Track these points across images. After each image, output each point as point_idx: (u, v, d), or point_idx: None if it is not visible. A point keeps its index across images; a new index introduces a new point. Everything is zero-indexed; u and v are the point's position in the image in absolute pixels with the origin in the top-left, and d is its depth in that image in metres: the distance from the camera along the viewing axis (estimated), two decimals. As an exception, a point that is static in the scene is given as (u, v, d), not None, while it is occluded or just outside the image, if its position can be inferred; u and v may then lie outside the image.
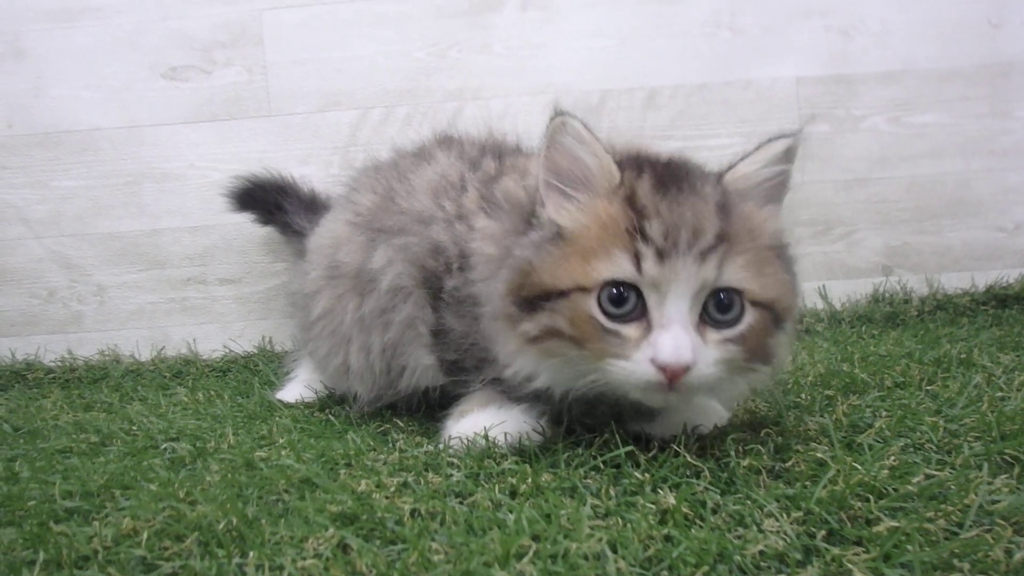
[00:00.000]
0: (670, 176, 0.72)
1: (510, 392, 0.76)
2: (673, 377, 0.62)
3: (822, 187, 1.60)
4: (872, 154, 1.60)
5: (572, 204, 0.70)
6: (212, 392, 1.29)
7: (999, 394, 0.83)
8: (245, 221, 1.53)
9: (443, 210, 0.87)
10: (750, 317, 0.66)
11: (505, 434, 0.73)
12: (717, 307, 0.65)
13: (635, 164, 0.74)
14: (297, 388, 1.22)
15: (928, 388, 0.90)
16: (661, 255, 0.65)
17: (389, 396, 0.97)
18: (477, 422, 0.76)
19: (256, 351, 1.56)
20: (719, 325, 0.65)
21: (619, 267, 0.65)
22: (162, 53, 1.59)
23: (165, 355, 1.58)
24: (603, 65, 1.59)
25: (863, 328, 1.45)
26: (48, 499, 0.66)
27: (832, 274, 1.61)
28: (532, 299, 0.68)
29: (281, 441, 0.87)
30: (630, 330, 0.65)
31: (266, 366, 1.47)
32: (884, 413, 0.78)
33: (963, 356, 1.07)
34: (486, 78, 1.59)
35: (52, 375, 1.52)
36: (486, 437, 0.73)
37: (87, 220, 1.59)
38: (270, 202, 1.41)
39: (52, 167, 1.59)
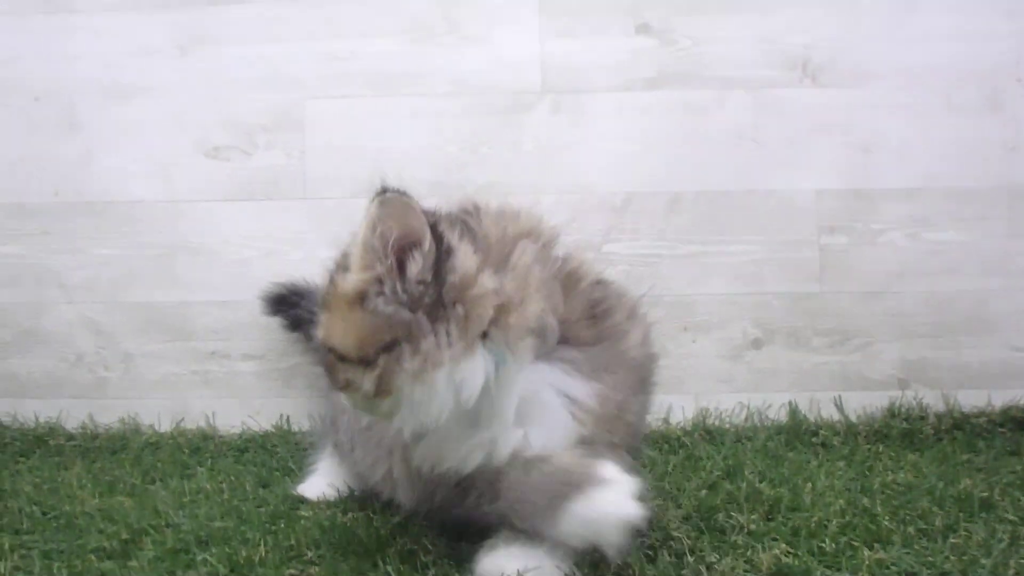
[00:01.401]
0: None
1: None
2: None
3: (840, 297, 1.62)
4: (890, 268, 1.63)
5: None
6: (233, 479, 1.30)
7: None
8: (272, 299, 1.58)
9: None
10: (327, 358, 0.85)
11: None
12: None
13: None
14: (319, 484, 1.22)
15: (952, 540, 0.90)
16: None
17: (427, 508, 0.96)
18: (506, 562, 0.76)
19: (274, 430, 1.58)
20: None
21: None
22: (207, 132, 1.66)
23: (184, 427, 1.60)
24: (629, 168, 1.64)
25: (879, 447, 1.45)
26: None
27: (848, 385, 1.61)
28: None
29: (310, 555, 0.88)
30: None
31: (284, 449, 1.48)
32: None
33: (984, 495, 1.07)
34: (515, 175, 1.65)
35: (73, 442, 1.54)
36: None
37: (121, 288, 1.64)
38: (303, 310, 1.44)
39: (93, 235, 1.65)
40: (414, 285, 0.78)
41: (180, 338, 1.63)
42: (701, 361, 1.62)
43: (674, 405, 1.60)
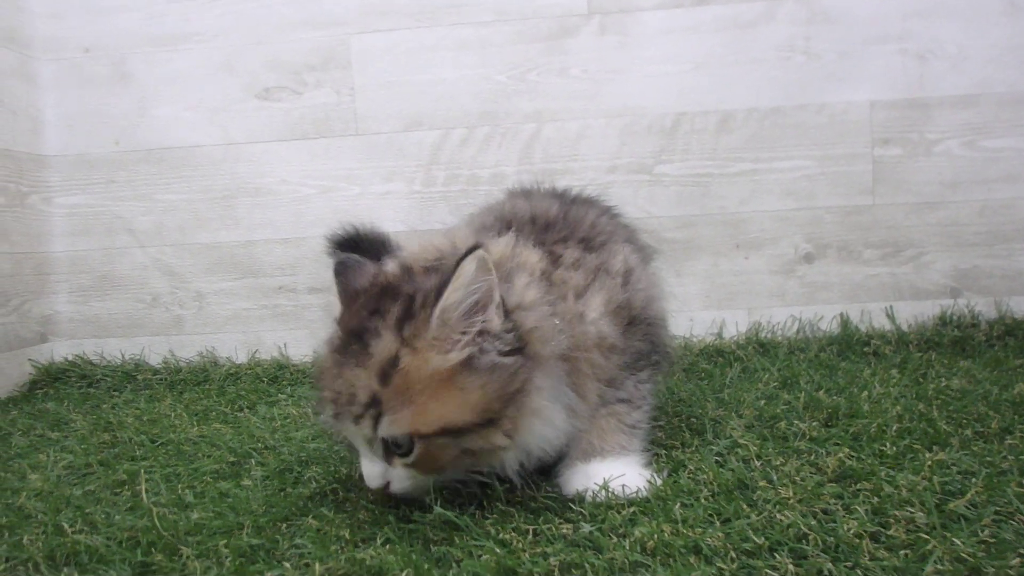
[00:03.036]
0: (342, 344, 0.79)
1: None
2: (385, 492, 0.78)
3: (893, 210, 1.63)
4: (944, 178, 1.62)
5: None
6: (315, 403, 1.39)
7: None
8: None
9: None
10: (418, 448, 0.75)
11: (623, 487, 0.80)
12: (393, 445, 0.76)
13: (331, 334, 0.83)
14: None
15: (1009, 441, 0.94)
16: (335, 416, 0.78)
17: None
18: (590, 476, 0.82)
19: (343, 358, 1.67)
20: (400, 455, 0.77)
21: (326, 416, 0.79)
22: (256, 76, 1.68)
23: (259, 358, 1.69)
24: (678, 89, 1.63)
25: (932, 355, 1.48)
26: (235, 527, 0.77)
27: (900, 295, 1.64)
28: None
29: None
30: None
31: (356, 374, 1.57)
32: (971, 476, 0.82)
33: None
34: (563, 101, 1.65)
35: (159, 376, 1.64)
36: (605, 488, 0.80)
37: (187, 231, 1.71)
38: (370, 256, 1.47)
39: (155, 181, 1.70)
40: (504, 333, 0.77)
41: (248, 275, 1.71)
42: (753, 277, 1.65)
43: (727, 320, 1.65)
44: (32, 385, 1.63)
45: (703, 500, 0.77)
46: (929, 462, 0.87)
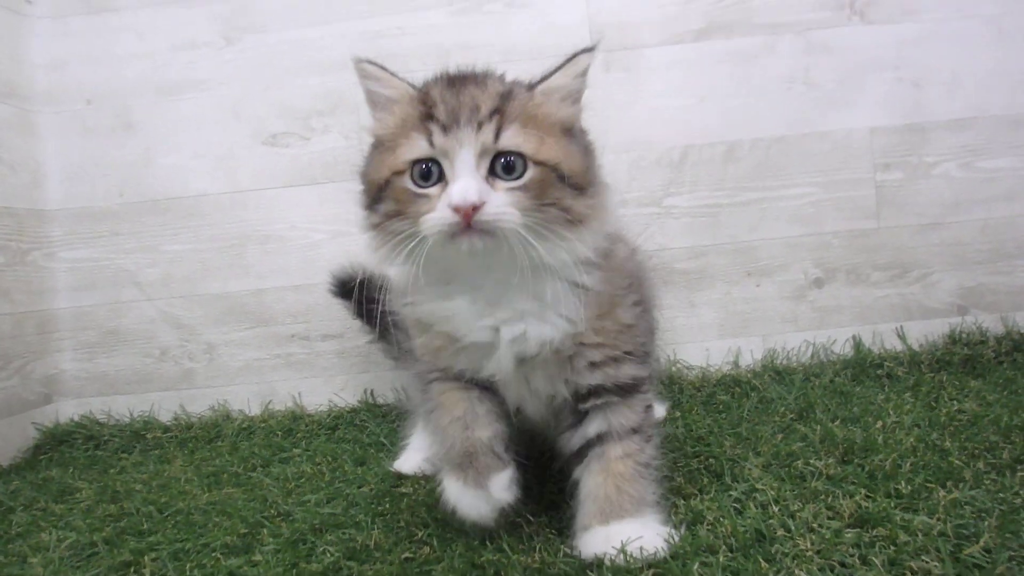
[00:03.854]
0: (460, 78, 0.88)
1: None
2: (466, 216, 0.77)
3: (897, 232, 1.66)
4: (945, 199, 1.66)
5: (384, 117, 0.88)
6: (330, 459, 1.35)
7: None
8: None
9: None
10: (532, 172, 0.80)
11: (641, 549, 0.80)
12: (503, 167, 0.80)
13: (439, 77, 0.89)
14: (415, 459, 1.25)
15: (1020, 473, 0.95)
16: (445, 129, 0.80)
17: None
18: (606, 541, 0.82)
19: (360, 405, 1.64)
20: (506, 179, 0.80)
21: (417, 146, 0.81)
22: (263, 122, 1.67)
23: (273, 409, 1.66)
24: (684, 122, 1.66)
25: (943, 375, 1.50)
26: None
27: (909, 315, 1.67)
28: (372, 197, 0.86)
29: (420, 535, 0.94)
30: (434, 190, 0.81)
31: (372, 423, 1.54)
32: (985, 516, 0.83)
33: None
34: (572, 137, 1.66)
35: (169, 434, 1.60)
36: (624, 552, 0.79)
37: (196, 281, 1.68)
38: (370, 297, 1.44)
39: (162, 232, 1.67)
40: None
41: (259, 324, 1.68)
42: (766, 304, 1.67)
43: (743, 348, 1.66)
44: (36, 450, 1.57)
45: (722, 557, 0.77)
46: (943, 501, 0.88)
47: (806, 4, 1.65)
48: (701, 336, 1.66)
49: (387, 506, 1.09)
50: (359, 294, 1.47)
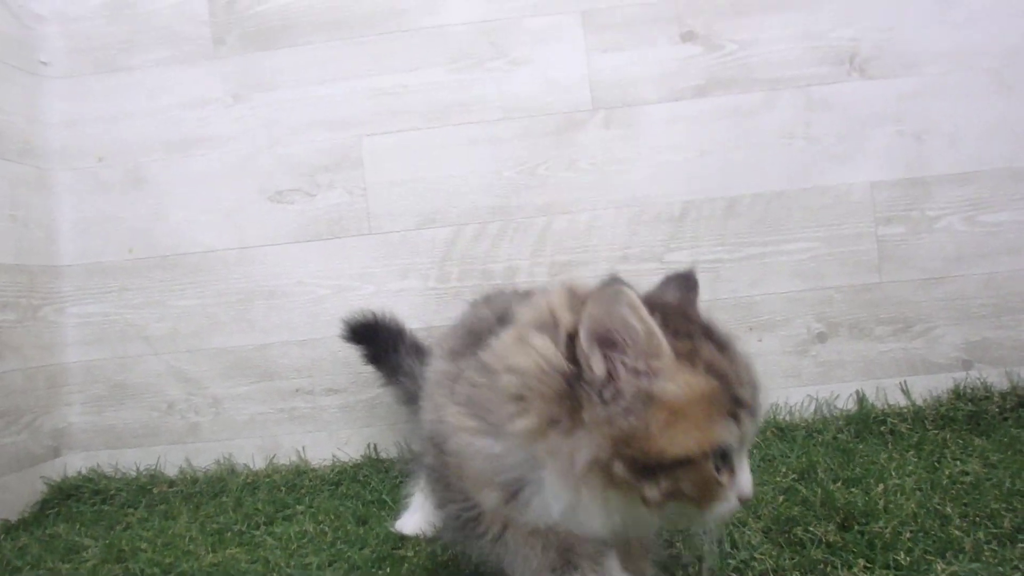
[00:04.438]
0: (719, 337, 0.79)
1: None
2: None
3: (899, 286, 1.66)
4: (948, 253, 1.66)
5: (641, 370, 0.73)
6: (332, 517, 1.36)
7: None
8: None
9: None
10: None
11: None
12: None
13: (670, 321, 0.76)
14: (416, 520, 1.25)
15: (1020, 545, 0.95)
16: (753, 415, 0.75)
17: None
18: None
19: (363, 459, 1.65)
20: None
21: (730, 432, 0.72)
22: (270, 178, 1.70)
23: (277, 463, 1.67)
24: (684, 178, 1.67)
25: (947, 433, 1.49)
26: None
27: (913, 370, 1.66)
28: (646, 464, 0.71)
29: None
30: (726, 479, 0.73)
31: (375, 479, 1.55)
32: None
33: None
34: (573, 193, 1.68)
35: (175, 488, 1.61)
36: None
37: (202, 336, 1.70)
38: (385, 342, 1.47)
39: (170, 287, 1.70)
40: None
41: (264, 379, 1.70)
42: (768, 359, 1.67)
43: (745, 404, 1.65)
44: (44, 504, 1.59)
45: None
46: (942, 574, 0.88)
47: (806, 60, 1.66)
48: (703, 390, 1.66)
49: (387, 571, 1.10)
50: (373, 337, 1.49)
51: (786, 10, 1.66)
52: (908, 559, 0.94)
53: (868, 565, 0.93)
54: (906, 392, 1.64)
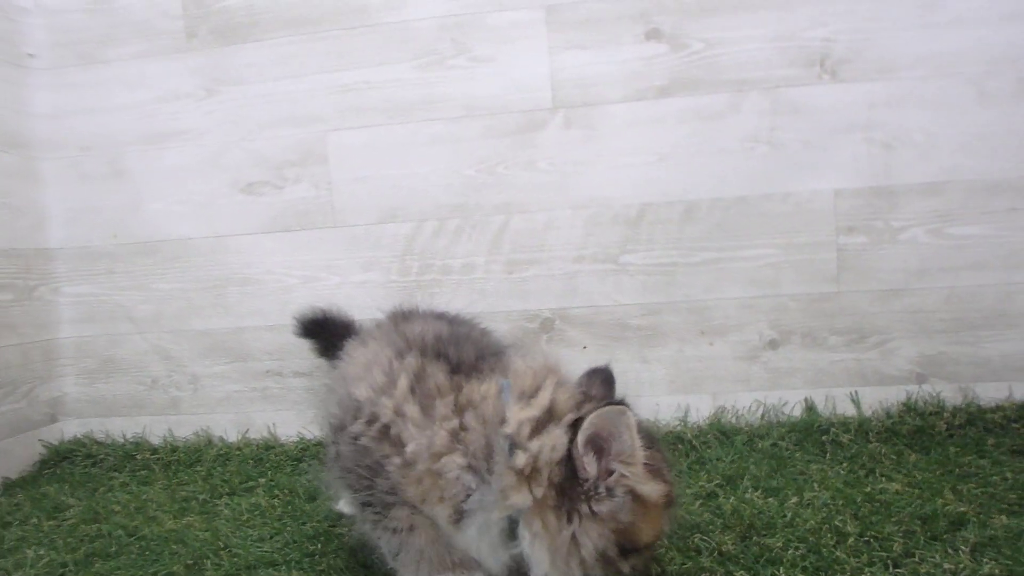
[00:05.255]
0: (655, 440, 0.94)
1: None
2: None
3: (857, 297, 1.64)
4: (910, 265, 1.62)
5: (624, 474, 0.88)
6: (287, 492, 1.49)
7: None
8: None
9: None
10: None
11: None
12: None
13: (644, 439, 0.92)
14: None
15: (899, 570, 1.00)
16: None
17: None
18: None
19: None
20: None
21: (672, 519, 0.94)
22: (241, 171, 1.77)
23: (250, 437, 1.81)
24: (643, 180, 1.66)
25: (886, 448, 1.50)
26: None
27: (865, 381, 1.66)
28: (630, 548, 0.89)
29: None
30: None
31: (333, 459, 1.67)
32: None
33: (961, 510, 1.15)
34: (531, 193, 1.69)
35: (156, 455, 1.77)
36: None
37: (183, 318, 1.82)
38: (334, 336, 1.55)
39: (152, 272, 1.81)
40: None
41: (238, 359, 1.81)
42: (718, 363, 1.69)
43: (692, 404, 1.70)
44: (42, 464, 1.77)
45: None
46: None
47: (775, 61, 1.61)
48: (651, 391, 1.70)
49: (319, 546, 1.22)
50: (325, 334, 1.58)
51: (758, 9, 1.60)
52: (784, 575, 1.00)
53: (748, 576, 1.00)
54: (856, 402, 1.65)
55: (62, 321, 1.84)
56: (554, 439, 0.88)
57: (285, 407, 1.81)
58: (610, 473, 0.87)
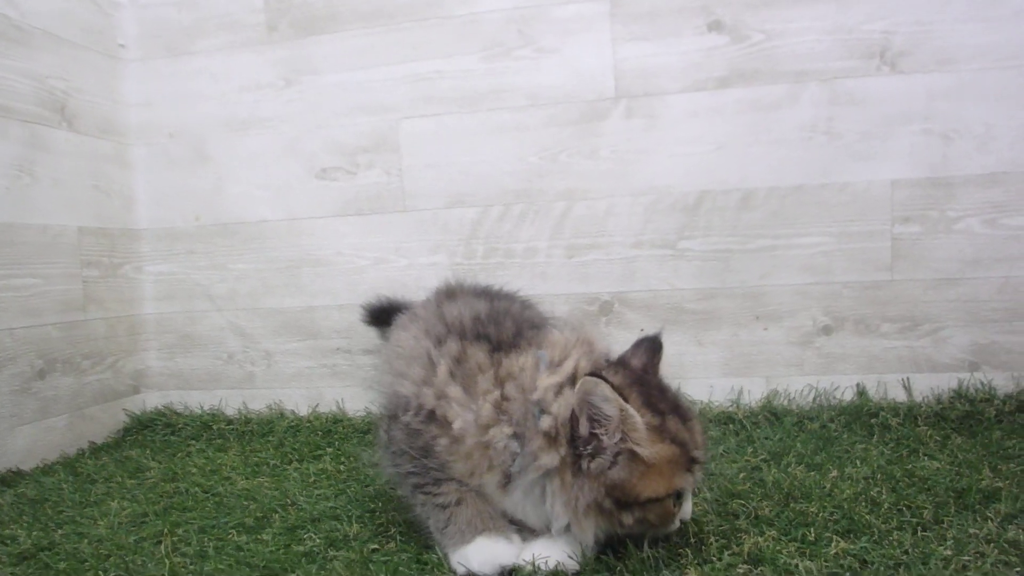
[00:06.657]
0: (683, 411, 1.01)
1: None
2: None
3: (911, 285, 1.68)
4: (965, 255, 1.66)
5: (621, 436, 0.95)
6: (352, 459, 1.58)
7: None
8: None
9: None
10: None
11: (546, 561, 0.97)
12: None
13: (649, 398, 0.99)
14: None
15: (921, 533, 1.04)
16: (703, 467, 1.01)
17: None
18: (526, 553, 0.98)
19: (392, 414, 1.86)
20: None
21: (685, 481, 0.98)
22: (316, 157, 1.86)
23: (319, 411, 1.90)
24: (702, 169, 1.72)
25: (936, 430, 1.53)
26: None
27: (917, 368, 1.70)
28: (627, 503, 0.96)
29: (393, 531, 1.15)
30: (677, 509, 0.99)
31: (401, 432, 1.76)
32: (867, 565, 0.93)
33: (998, 485, 1.18)
34: (593, 180, 1.76)
35: (231, 426, 1.87)
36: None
37: (257, 297, 1.92)
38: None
39: (229, 252, 1.92)
40: None
41: (310, 337, 1.91)
42: (772, 347, 1.74)
43: (745, 387, 1.75)
44: (125, 432, 1.89)
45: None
46: (835, 550, 1.00)
47: (834, 52, 1.66)
48: (706, 373, 1.76)
49: (380, 504, 1.30)
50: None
51: (818, 2, 1.65)
52: (814, 535, 1.05)
53: (779, 536, 1.05)
54: (907, 388, 1.69)
55: (145, 298, 1.96)
56: (566, 401, 0.96)
57: (353, 383, 1.91)
58: (596, 436, 0.95)
